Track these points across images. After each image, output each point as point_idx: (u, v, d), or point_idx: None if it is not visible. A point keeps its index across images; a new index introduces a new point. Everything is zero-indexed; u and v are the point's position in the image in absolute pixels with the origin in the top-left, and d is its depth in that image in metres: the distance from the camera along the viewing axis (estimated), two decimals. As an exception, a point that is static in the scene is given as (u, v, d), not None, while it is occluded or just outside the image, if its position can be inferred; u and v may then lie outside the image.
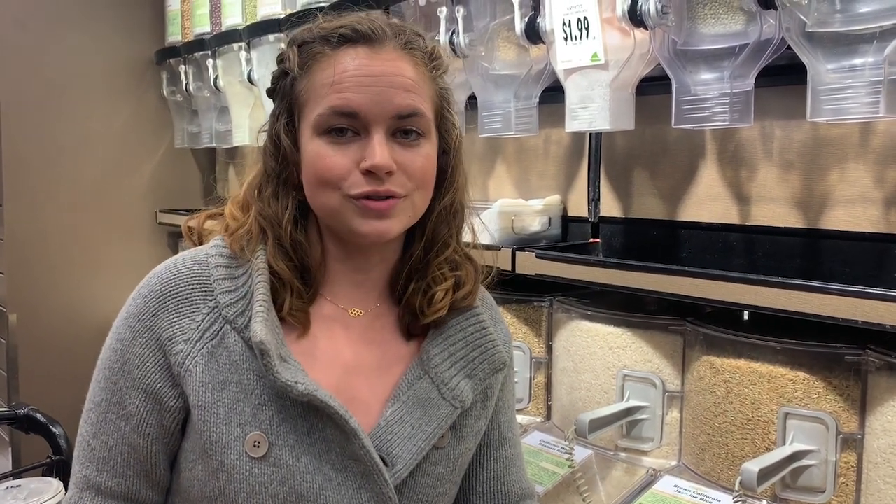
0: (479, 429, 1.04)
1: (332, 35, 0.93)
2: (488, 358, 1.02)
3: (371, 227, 0.91)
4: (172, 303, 0.92)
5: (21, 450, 2.51)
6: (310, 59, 0.93)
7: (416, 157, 0.93)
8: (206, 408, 0.89)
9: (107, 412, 0.94)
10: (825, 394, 1.14)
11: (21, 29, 2.56)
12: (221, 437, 0.89)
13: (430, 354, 0.99)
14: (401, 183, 0.91)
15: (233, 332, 0.91)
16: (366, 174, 0.90)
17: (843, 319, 1.03)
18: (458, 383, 0.98)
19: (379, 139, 0.90)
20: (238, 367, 0.90)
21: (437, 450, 0.97)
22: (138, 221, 2.82)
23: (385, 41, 0.93)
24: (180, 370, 0.91)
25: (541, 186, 1.76)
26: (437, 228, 1.00)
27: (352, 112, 0.90)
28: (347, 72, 0.91)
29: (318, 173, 0.91)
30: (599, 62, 1.32)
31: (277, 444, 0.89)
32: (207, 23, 2.47)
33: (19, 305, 2.60)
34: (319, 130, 0.91)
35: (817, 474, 1.15)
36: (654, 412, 1.37)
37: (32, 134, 2.60)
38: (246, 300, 0.92)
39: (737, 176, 1.41)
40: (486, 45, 1.54)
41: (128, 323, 0.94)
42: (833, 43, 1.07)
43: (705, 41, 1.21)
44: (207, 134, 2.60)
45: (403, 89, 0.92)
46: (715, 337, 1.27)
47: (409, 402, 0.96)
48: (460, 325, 1.02)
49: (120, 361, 0.93)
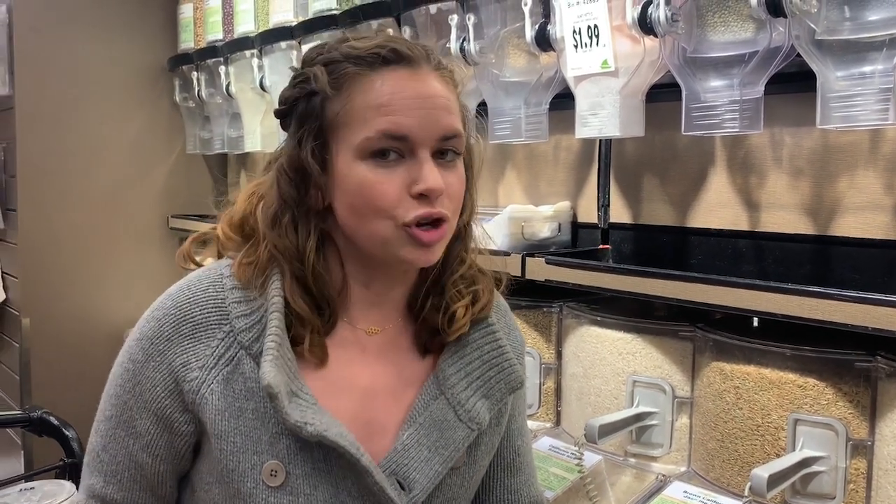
0: (494, 445, 1.04)
1: (368, 56, 0.90)
2: (505, 378, 1.01)
3: (420, 255, 0.91)
4: (187, 328, 0.91)
5: (34, 452, 2.53)
6: (344, 79, 0.90)
7: (455, 178, 0.93)
8: (222, 436, 0.89)
9: (116, 428, 0.94)
10: (835, 400, 1.14)
11: (36, 36, 2.59)
12: (238, 465, 0.88)
13: (446, 374, 0.98)
14: (446, 205, 0.91)
15: (248, 359, 0.90)
16: (417, 197, 0.89)
17: (853, 326, 1.03)
18: (474, 404, 0.97)
19: (428, 160, 0.89)
20: (254, 394, 0.89)
21: (454, 470, 0.97)
22: (150, 227, 2.84)
23: (421, 62, 0.92)
24: (195, 398, 0.90)
25: (551, 193, 1.77)
26: (453, 247, 0.99)
27: (402, 136, 0.88)
28: (395, 94, 0.89)
29: (367, 202, 0.89)
30: (609, 69, 1.33)
31: (295, 474, 0.88)
32: (220, 30, 2.49)
33: (33, 309, 2.62)
34: (364, 154, 0.89)
35: (827, 481, 1.15)
36: (663, 418, 1.37)
37: (47, 140, 2.62)
38: (261, 325, 0.91)
39: (746, 183, 1.41)
40: (496, 52, 1.55)
41: (140, 345, 0.93)
42: (843, 50, 1.07)
43: (715, 48, 1.22)
44: (219, 140, 2.62)
45: (446, 110, 0.91)
46: (724, 343, 1.27)
47: (426, 424, 0.95)
48: (477, 343, 1.00)
49: (131, 382, 0.93)
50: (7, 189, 2.74)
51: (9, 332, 2.77)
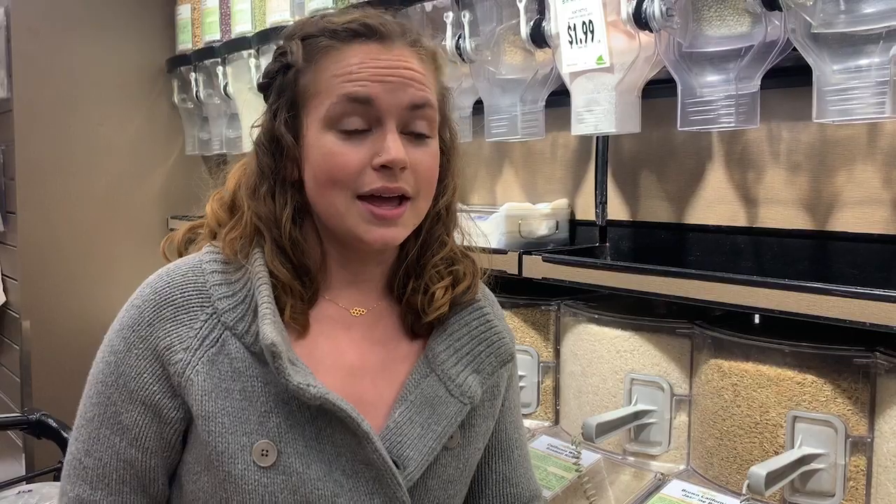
0: (487, 428, 1.04)
1: (341, 30, 0.91)
2: (494, 351, 1.01)
3: (377, 234, 0.90)
4: (168, 311, 0.90)
5: (35, 454, 2.52)
6: (317, 52, 0.91)
7: (425, 155, 0.92)
8: (209, 417, 0.87)
9: (99, 428, 0.91)
10: (834, 397, 1.13)
11: (34, 38, 2.59)
12: (227, 446, 0.86)
13: (435, 351, 0.98)
14: (411, 182, 0.90)
15: (233, 339, 0.89)
16: (379, 170, 0.88)
17: (851, 321, 1.02)
18: (465, 378, 0.97)
19: (393, 132, 0.89)
20: (241, 374, 0.88)
21: (448, 450, 0.97)
22: (150, 228, 2.83)
23: (394, 38, 0.92)
24: (180, 380, 0.88)
25: (548, 190, 1.76)
26: (433, 230, 0.99)
27: (366, 98, 0.88)
28: (362, 63, 0.89)
29: (328, 171, 0.89)
30: (605, 65, 1.32)
31: (286, 452, 0.87)
32: (217, 30, 2.48)
33: (32, 312, 2.62)
34: (331, 124, 0.89)
35: (826, 478, 1.14)
36: (661, 416, 1.36)
37: (46, 142, 2.62)
38: (245, 304, 0.90)
39: (744, 178, 1.40)
40: (492, 49, 1.55)
41: (122, 335, 0.91)
42: (839, 44, 1.06)
43: (710, 43, 1.21)
44: (218, 141, 2.61)
45: (417, 81, 0.91)
46: (723, 340, 1.26)
47: (417, 401, 0.94)
48: (464, 321, 1.00)
49: (114, 374, 0.90)
50: (6, 191, 2.73)
51: (9, 335, 2.77)
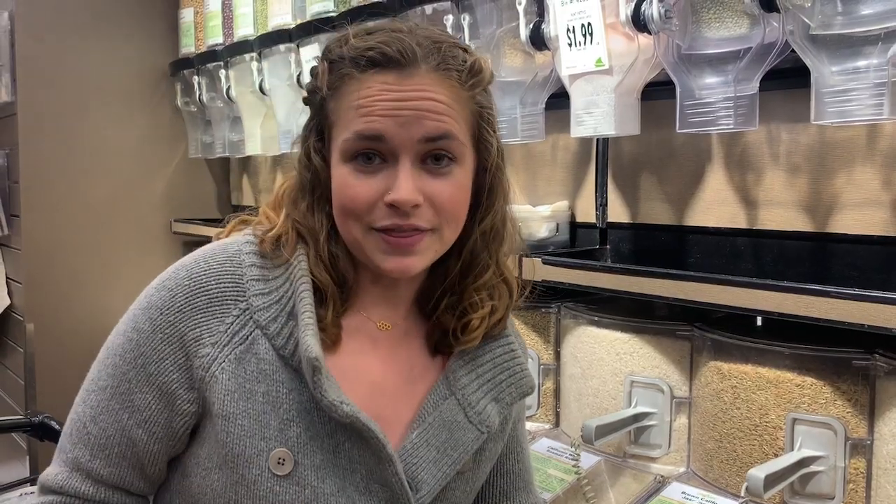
0: (497, 451, 1.03)
1: (360, 57, 0.87)
2: (516, 382, 0.99)
3: (394, 263, 0.88)
4: (202, 301, 0.87)
5: (39, 457, 2.53)
6: (339, 79, 0.89)
7: (446, 187, 0.88)
8: (230, 418, 0.85)
9: (110, 400, 0.89)
10: (833, 399, 1.13)
11: (38, 43, 2.60)
12: (244, 450, 0.85)
13: (456, 375, 0.96)
14: (427, 217, 0.87)
15: (263, 339, 0.87)
16: (390, 207, 0.86)
17: (851, 324, 1.02)
18: (484, 407, 0.96)
19: (405, 169, 0.85)
20: (266, 377, 0.86)
21: (460, 475, 0.95)
22: (153, 231, 2.84)
23: (416, 64, 0.87)
24: (204, 374, 0.86)
25: (548, 192, 1.76)
26: (476, 251, 0.95)
27: (377, 135, 0.85)
28: (373, 97, 0.86)
29: (342, 203, 0.88)
30: (604, 67, 1.32)
31: (303, 464, 0.85)
32: (220, 34, 2.49)
33: (36, 315, 2.63)
34: (346, 157, 0.87)
35: (826, 480, 1.13)
36: (661, 418, 1.36)
37: (50, 146, 2.63)
38: (281, 305, 0.88)
39: (744, 180, 1.40)
40: (492, 52, 1.55)
41: (148, 314, 0.88)
42: (837, 45, 1.06)
43: (709, 45, 1.21)
44: (221, 144, 2.62)
45: (434, 113, 0.86)
46: (722, 342, 1.26)
47: (435, 424, 0.93)
48: (489, 348, 0.99)
49: (134, 353, 0.88)
50: (11, 195, 2.75)
51: (13, 338, 2.79)
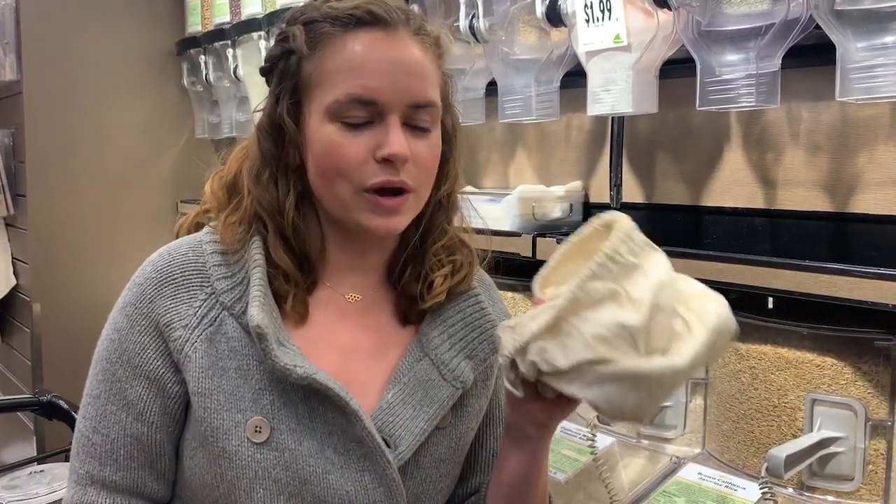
0: (481, 407, 1.04)
1: (345, 16, 0.90)
2: (488, 338, 1.01)
3: (380, 222, 0.91)
4: (169, 289, 0.92)
5: (46, 436, 2.53)
6: (320, 39, 0.90)
7: (426, 147, 0.92)
8: (205, 394, 0.89)
9: (106, 404, 0.93)
10: (853, 380, 1.12)
11: (44, 22, 2.58)
12: (222, 423, 0.88)
13: (428, 337, 0.99)
14: (413, 174, 0.90)
15: (230, 319, 0.91)
16: (381, 163, 0.88)
17: (872, 303, 1.01)
18: (458, 364, 0.98)
19: (395, 127, 0.88)
20: (237, 353, 0.90)
21: (439, 430, 0.97)
22: (160, 211, 2.83)
23: (399, 25, 0.90)
24: (179, 356, 0.90)
25: (562, 172, 1.74)
26: (434, 217, 0.99)
27: (370, 100, 0.88)
28: (366, 56, 0.88)
29: (331, 163, 0.89)
30: (622, 44, 1.30)
31: (279, 429, 0.89)
32: (227, 12, 2.46)
33: (43, 295, 2.62)
34: (333, 116, 0.89)
35: (845, 461, 1.13)
36: (677, 399, 1.35)
37: (55, 125, 2.61)
38: (243, 286, 0.92)
39: (762, 159, 1.38)
40: (506, 29, 1.53)
41: (124, 312, 0.93)
42: (863, 20, 1.04)
43: (730, 21, 1.19)
44: (228, 124, 2.60)
45: (420, 77, 0.90)
46: (740, 322, 1.22)
47: (410, 384, 0.95)
48: (458, 307, 1.01)
49: (118, 351, 0.93)
50: (16, 174, 2.73)
51: (20, 318, 2.78)
